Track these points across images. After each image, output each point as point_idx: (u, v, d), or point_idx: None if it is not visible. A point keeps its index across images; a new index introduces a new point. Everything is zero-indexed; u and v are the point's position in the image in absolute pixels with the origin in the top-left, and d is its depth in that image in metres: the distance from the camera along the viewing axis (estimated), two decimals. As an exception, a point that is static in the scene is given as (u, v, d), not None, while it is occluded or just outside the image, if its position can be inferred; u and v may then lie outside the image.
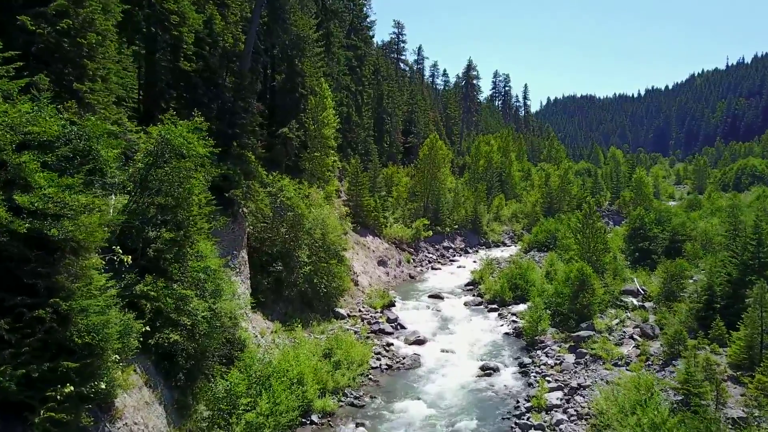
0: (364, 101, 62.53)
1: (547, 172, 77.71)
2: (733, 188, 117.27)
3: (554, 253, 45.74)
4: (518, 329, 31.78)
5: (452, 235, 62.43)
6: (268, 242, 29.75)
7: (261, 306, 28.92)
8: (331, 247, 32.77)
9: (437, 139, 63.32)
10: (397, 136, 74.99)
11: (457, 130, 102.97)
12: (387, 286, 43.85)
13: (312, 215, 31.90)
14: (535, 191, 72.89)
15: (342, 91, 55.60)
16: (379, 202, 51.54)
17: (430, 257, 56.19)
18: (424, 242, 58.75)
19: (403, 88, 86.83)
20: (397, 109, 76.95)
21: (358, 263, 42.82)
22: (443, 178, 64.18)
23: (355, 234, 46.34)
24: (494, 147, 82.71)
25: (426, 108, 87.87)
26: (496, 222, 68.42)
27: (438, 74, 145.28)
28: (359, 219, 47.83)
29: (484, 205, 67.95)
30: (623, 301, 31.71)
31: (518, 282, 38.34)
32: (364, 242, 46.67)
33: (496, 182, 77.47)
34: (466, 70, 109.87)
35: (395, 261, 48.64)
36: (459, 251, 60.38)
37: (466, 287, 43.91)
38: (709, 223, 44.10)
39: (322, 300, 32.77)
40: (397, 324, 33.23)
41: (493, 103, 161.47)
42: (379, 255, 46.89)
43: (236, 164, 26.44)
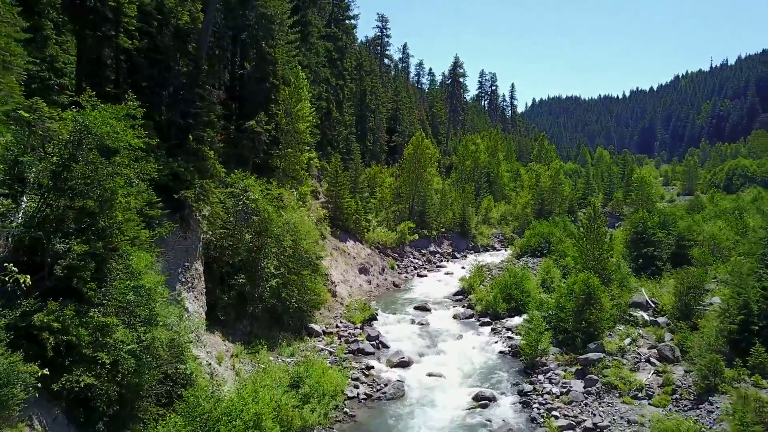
0: (345, 96, 58.71)
1: (537, 172, 74.51)
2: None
3: (550, 259, 42.33)
4: (515, 347, 28.17)
5: (439, 238, 58.84)
6: (230, 251, 25.84)
7: (220, 325, 25.03)
8: (304, 256, 28.92)
9: (423, 137, 59.72)
10: (381, 134, 71.27)
11: (444, 129, 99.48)
12: (369, 296, 40.09)
13: (282, 220, 28.03)
14: (525, 192, 69.62)
15: (321, 84, 51.74)
16: (361, 204, 47.81)
17: (415, 263, 52.53)
18: (410, 247, 55.11)
19: (387, 84, 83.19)
20: (380, 107, 73.23)
21: (337, 271, 39.00)
22: (429, 178, 60.59)
23: (334, 239, 42.52)
24: (481, 147, 79.32)
25: (411, 106, 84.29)
26: (485, 225, 64.95)
27: (423, 73, 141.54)
28: (339, 222, 44.03)
29: (473, 207, 64.48)
30: (632, 315, 28.24)
31: (513, 292, 34.77)
32: (344, 248, 42.86)
33: (484, 183, 74.07)
34: (452, 67, 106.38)
35: (378, 268, 44.88)
36: (446, 256, 56.80)
37: (455, 297, 40.28)
38: (716, 226, 40.91)
39: (294, 315, 28.91)
40: (378, 342, 29.45)
41: (480, 103, 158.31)
42: (361, 262, 43.11)
43: (189, 161, 22.54)
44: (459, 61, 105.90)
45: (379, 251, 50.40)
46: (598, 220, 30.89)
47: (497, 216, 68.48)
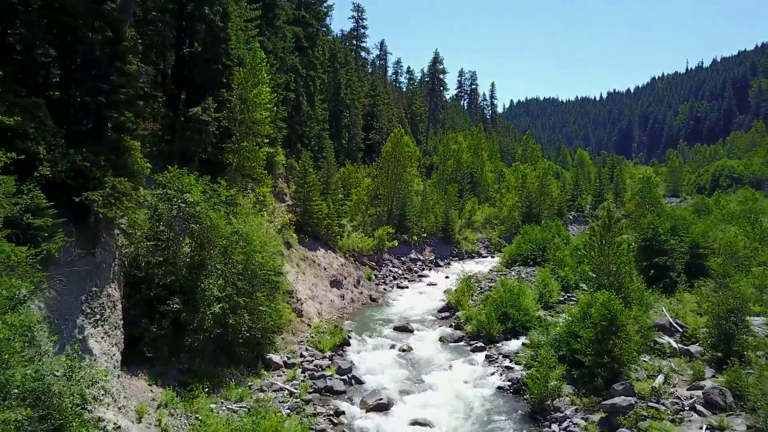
0: (317, 89, 53.41)
1: (523, 172, 70.08)
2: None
3: (546, 269, 37.55)
4: (516, 381, 23.17)
5: (420, 244, 53.83)
6: (163, 269, 20.40)
7: (147, 364, 19.60)
8: (259, 273, 23.55)
9: (403, 133, 54.70)
10: (357, 131, 66.11)
11: (423, 128, 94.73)
12: (342, 313, 34.83)
13: (230, 228, 22.66)
14: (512, 194, 65.02)
15: (289, 73, 46.37)
16: (334, 207, 42.54)
17: (395, 272, 47.40)
18: (389, 254, 49.98)
19: (364, 79, 78.04)
20: (357, 102, 68.09)
21: (304, 286, 33.67)
22: (410, 179, 55.59)
23: (302, 248, 37.18)
24: (464, 146, 74.64)
25: (390, 102, 79.27)
26: (469, 229, 60.14)
27: (401, 72, 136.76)
28: (308, 229, 38.71)
29: (456, 210, 59.63)
30: (657, 342, 23.45)
31: (509, 311, 29.81)
32: (314, 258, 37.54)
33: (468, 184, 69.33)
34: (432, 63, 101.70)
35: (353, 280, 39.62)
36: (428, 264, 51.78)
37: (440, 314, 35.23)
38: (731, 231, 36.53)
39: (247, 345, 23.53)
40: (351, 377, 24.19)
41: (459, 103, 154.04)
42: (333, 273, 37.81)
43: (99, 152, 17.09)
44: (439, 56, 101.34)
45: (355, 260, 45.22)
46: (614, 228, 26.02)
47: (482, 219, 63.75)
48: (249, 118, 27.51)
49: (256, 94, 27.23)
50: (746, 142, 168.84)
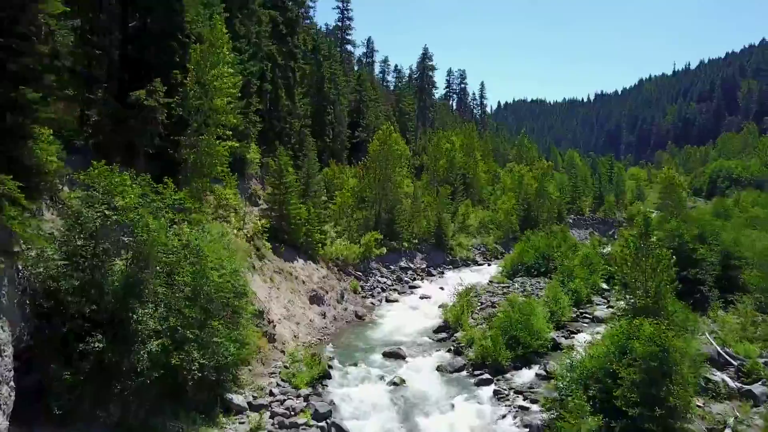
0: (297, 81, 48.71)
1: (519, 173, 65.83)
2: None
3: (555, 281, 33.12)
4: (537, 430, 18.66)
5: (411, 252, 49.25)
6: (80, 297, 15.59)
7: (57, 424, 14.83)
8: (215, 297, 18.80)
9: (392, 130, 50.16)
10: (342, 128, 61.43)
11: (412, 126, 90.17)
12: (322, 334, 30.13)
13: (176, 241, 17.92)
14: (508, 196, 60.68)
15: (264, 62, 41.66)
16: (315, 211, 37.86)
17: (383, 283, 42.77)
18: (376, 262, 45.34)
19: (350, 74, 73.42)
20: (341, 97, 63.42)
21: (278, 304, 28.93)
22: (399, 180, 51.03)
23: (277, 258, 32.45)
24: (457, 144, 70.23)
25: (377, 98, 74.70)
26: (463, 234, 55.66)
27: (389, 70, 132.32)
28: (284, 236, 34.01)
29: (448, 213, 55.16)
30: (710, 379, 19.03)
31: (519, 334, 25.30)
32: (291, 269, 32.82)
33: (460, 186, 64.92)
34: (421, 59, 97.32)
35: (336, 294, 34.94)
36: (420, 273, 47.18)
37: (436, 334, 30.64)
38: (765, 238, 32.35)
39: (201, 386, 18.76)
40: (331, 424, 19.50)
41: (448, 103, 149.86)
42: (313, 288, 33.09)
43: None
44: (428, 52, 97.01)
45: (339, 269, 40.57)
46: (651, 238, 21.56)
47: (476, 223, 59.30)
48: (208, 105, 22.74)
49: (215, 75, 22.45)
50: (739, 144, 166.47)
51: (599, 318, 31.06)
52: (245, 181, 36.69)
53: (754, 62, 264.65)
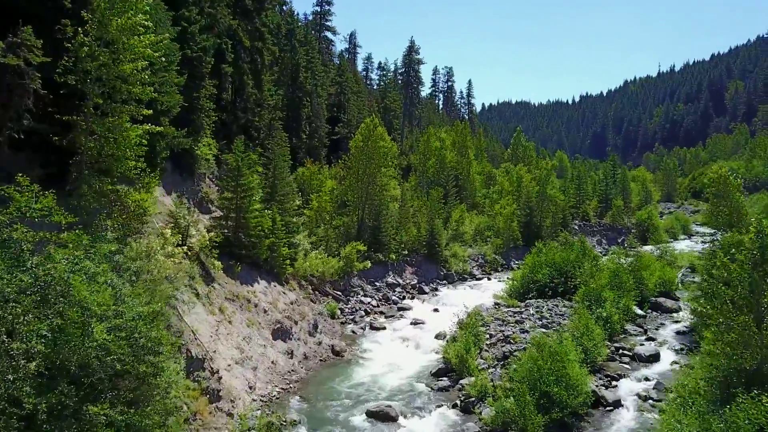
0: (265, 65, 41.64)
1: (519, 174, 59.32)
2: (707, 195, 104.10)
3: (580, 306, 26.43)
4: None
5: (400, 264, 42.38)
6: None
7: None
8: (96, 367, 11.73)
9: (376, 124, 43.27)
10: (320, 123, 54.44)
11: (398, 124, 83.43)
12: (288, 382, 23.11)
13: (22, 280, 10.84)
14: (506, 200, 54.11)
15: (224, 39, 34.61)
16: (284, 219, 30.89)
17: (367, 304, 35.89)
18: (359, 278, 38.49)
19: (329, 64, 66.45)
20: (320, 89, 56.43)
21: (228, 345, 21.87)
22: (385, 181, 44.16)
23: (231, 281, 25.38)
24: (447, 143, 63.54)
25: (360, 91, 67.80)
26: (458, 243, 48.88)
27: (372, 68, 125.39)
28: (241, 252, 26.95)
29: (441, 219, 48.39)
30: None
31: (552, 389, 18.53)
32: (249, 295, 25.74)
33: (452, 188, 58.22)
34: (407, 52, 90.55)
35: (307, 324, 27.92)
36: (411, 290, 40.33)
37: (436, 380, 23.71)
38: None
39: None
40: None
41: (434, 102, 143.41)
42: (277, 318, 26.02)
43: None
44: (415, 45, 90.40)
45: (313, 289, 33.71)
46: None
47: (471, 230, 52.58)
48: (113, 71, 15.63)
49: (123, 27, 15.35)
50: (730, 145, 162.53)
51: (642, 356, 24.45)
52: (195, 183, 29.57)
53: (741, 63, 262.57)
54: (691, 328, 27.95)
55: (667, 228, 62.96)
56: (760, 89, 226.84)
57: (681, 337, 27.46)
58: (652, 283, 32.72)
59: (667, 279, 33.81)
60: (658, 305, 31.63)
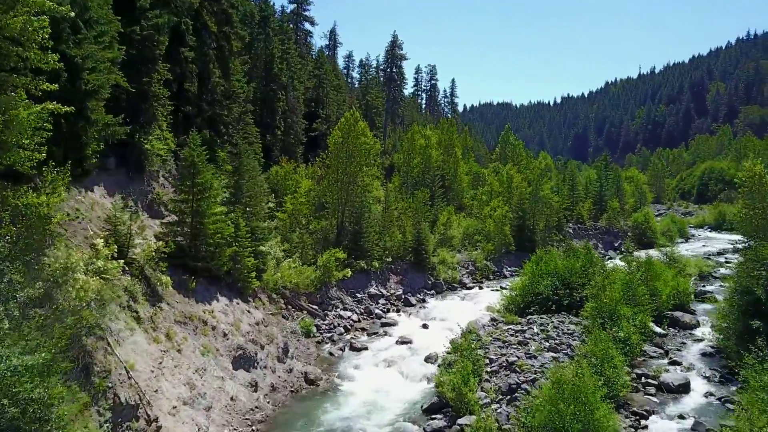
0: (232, 51, 37.46)
1: (509, 174, 55.76)
2: (697, 196, 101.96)
3: (596, 329, 22.78)
4: None
5: (384, 273, 38.48)
6: None
7: None
8: None
9: (358, 118, 39.34)
10: (296, 119, 50.34)
11: (380, 122, 79.56)
12: (251, 423, 19.04)
13: None
14: (497, 202, 50.48)
15: (183, 18, 30.44)
16: (252, 224, 26.84)
17: (347, 319, 31.95)
18: (338, 289, 34.52)
19: (307, 57, 62.36)
20: (296, 82, 52.34)
21: (174, 381, 17.73)
22: (368, 181, 40.25)
23: (183, 299, 21.23)
24: (433, 141, 59.76)
25: (340, 86, 63.80)
26: (446, 248, 45.11)
27: (353, 66, 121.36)
28: (196, 263, 22.80)
29: (428, 222, 44.56)
30: None
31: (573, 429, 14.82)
32: (205, 316, 21.60)
33: (439, 189, 54.48)
34: (390, 47, 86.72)
35: (276, 348, 23.87)
36: (396, 302, 36.46)
37: (428, 417, 19.81)
38: None
39: None
40: None
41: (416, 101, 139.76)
42: (239, 343, 21.90)
43: None
44: (398, 40, 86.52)
45: (286, 303, 29.80)
46: None
47: (459, 234, 48.85)
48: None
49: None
50: (714, 146, 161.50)
51: (670, 386, 20.82)
52: (145, 182, 25.32)
53: (722, 65, 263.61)
54: (718, 349, 24.47)
55: (663, 231, 60.01)
56: (741, 91, 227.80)
57: (708, 360, 23.91)
58: (665, 295, 29.22)
59: (681, 290, 30.33)
60: (675, 320, 28.13)
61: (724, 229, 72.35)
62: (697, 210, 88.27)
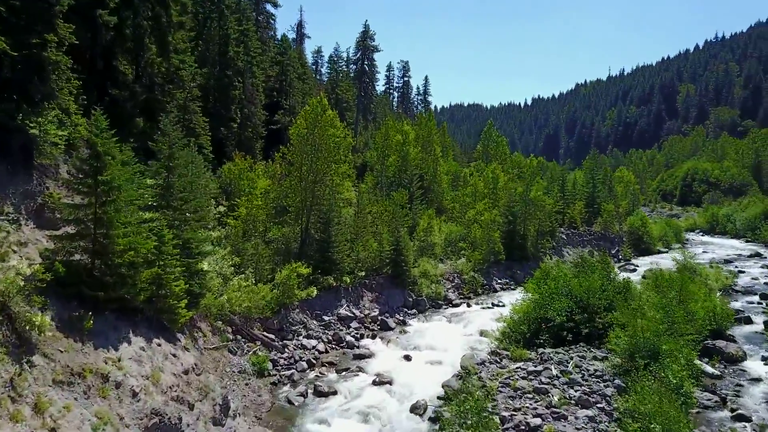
0: (173, 23, 31.07)
1: (494, 174, 50.34)
2: (680, 198, 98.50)
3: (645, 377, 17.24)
4: None
5: (356, 290, 32.47)
6: None
7: None
8: None
9: (326, 105, 33.27)
10: (255, 109, 43.98)
11: (351, 118, 73.55)
12: None
13: None
14: (483, 205, 44.95)
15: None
16: (181, 234, 20.61)
17: (312, 350, 25.94)
18: (301, 311, 28.42)
19: (269, 42, 56.01)
20: (256, 68, 45.98)
21: (32, 492, 11.43)
22: (338, 181, 34.27)
23: (72, 346, 14.80)
24: (411, 137, 53.98)
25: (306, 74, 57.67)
26: (427, 257, 39.32)
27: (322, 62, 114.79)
28: (98, 291, 16.43)
29: (406, 228, 38.70)
30: None
31: None
32: (106, 368, 15.26)
33: (417, 190, 48.72)
34: (361, 37, 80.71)
35: (212, 404, 17.63)
36: (371, 325, 30.51)
37: None
38: None
39: None
40: None
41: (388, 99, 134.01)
42: (156, 405, 15.59)
43: None
44: (369, 30, 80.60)
45: (234, 333, 23.81)
46: None
47: (441, 241, 43.11)
48: None
49: None
50: (688, 147, 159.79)
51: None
52: (34, 180, 18.82)
53: (691, 67, 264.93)
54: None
55: (660, 236, 55.50)
56: (711, 93, 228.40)
57: (779, 410, 18.57)
58: (700, 319, 23.89)
59: (719, 312, 25.06)
60: (719, 352, 22.81)
61: (717, 233, 68.48)
62: (683, 212, 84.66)
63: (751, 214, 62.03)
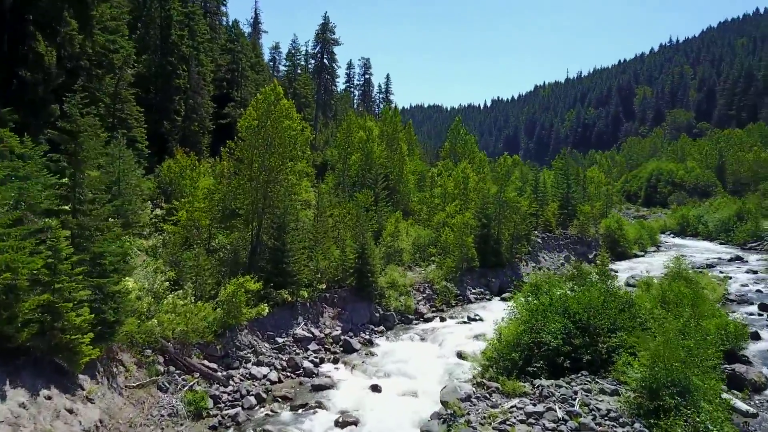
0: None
1: (464, 173, 47.06)
2: (644, 199, 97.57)
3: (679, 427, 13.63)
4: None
5: (316, 305, 28.36)
6: None
7: None
8: None
9: (281, 94, 29.06)
10: (201, 100, 39.39)
11: (310, 114, 69.27)
12: None
13: None
14: (454, 207, 41.47)
15: None
16: (87, 246, 16.23)
17: (262, 381, 21.80)
18: (250, 333, 24.26)
19: (220, 30, 51.34)
20: (202, 56, 41.35)
21: None
22: (294, 180, 30.12)
23: None
24: (375, 134, 50.16)
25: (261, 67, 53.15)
26: (395, 265, 35.52)
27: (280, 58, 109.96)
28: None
29: (371, 233, 34.80)
30: None
31: None
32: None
33: (382, 191, 44.93)
34: (320, 30, 76.44)
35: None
36: (332, 347, 26.46)
37: None
38: None
39: None
40: None
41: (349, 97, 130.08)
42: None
43: None
44: (329, 22, 76.42)
45: (167, 363, 19.49)
46: None
47: (408, 247, 39.40)
48: None
49: None
50: (647, 148, 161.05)
51: None
52: None
53: (647, 70, 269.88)
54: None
55: (635, 239, 53.24)
56: (667, 95, 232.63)
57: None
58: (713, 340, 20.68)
59: (732, 331, 21.99)
60: (739, 379, 19.65)
61: (689, 235, 66.94)
62: (650, 213, 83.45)
63: (725, 216, 60.68)
